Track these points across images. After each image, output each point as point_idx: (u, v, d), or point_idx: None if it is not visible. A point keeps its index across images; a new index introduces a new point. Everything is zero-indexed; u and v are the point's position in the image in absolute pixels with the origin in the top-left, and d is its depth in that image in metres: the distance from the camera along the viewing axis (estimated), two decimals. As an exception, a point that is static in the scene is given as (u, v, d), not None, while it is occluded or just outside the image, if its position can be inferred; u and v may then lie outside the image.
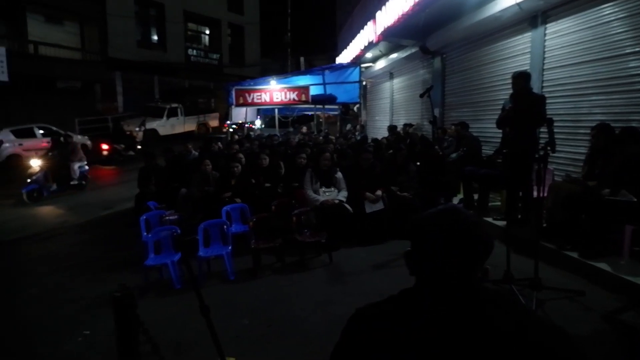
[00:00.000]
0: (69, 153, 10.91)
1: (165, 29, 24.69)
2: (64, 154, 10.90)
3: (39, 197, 10.14)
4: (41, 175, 10.22)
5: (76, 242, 7.22)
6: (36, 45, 18.47)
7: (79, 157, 11.02)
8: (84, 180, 11.12)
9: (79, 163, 10.98)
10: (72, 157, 10.87)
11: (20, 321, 4.41)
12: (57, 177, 10.60)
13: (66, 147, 11.05)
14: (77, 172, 10.88)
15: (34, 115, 17.18)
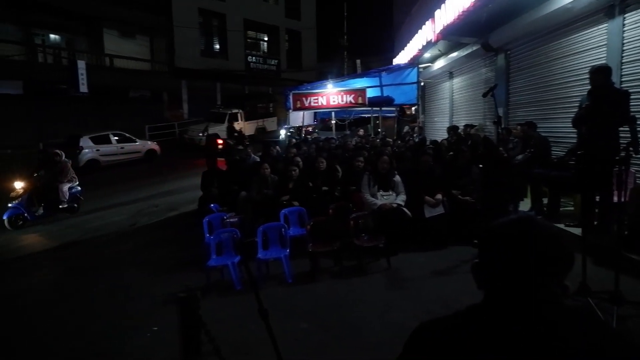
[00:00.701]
0: (58, 173, 9.75)
1: (226, 37, 25.69)
2: (51, 174, 9.76)
3: (23, 223, 9.05)
4: (25, 198, 9.15)
5: (145, 242, 7.66)
6: (111, 59, 19.96)
7: (69, 177, 9.86)
8: (75, 202, 10.00)
9: (69, 184, 9.82)
10: (60, 178, 9.67)
11: (92, 316, 4.74)
12: (45, 200, 9.52)
13: (55, 166, 9.83)
14: (66, 194, 9.69)
15: (109, 123, 18.56)
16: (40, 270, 6.61)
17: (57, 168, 9.80)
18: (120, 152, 16.73)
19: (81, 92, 16.25)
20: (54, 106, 17.52)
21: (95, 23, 19.95)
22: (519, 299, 0.99)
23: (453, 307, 1.07)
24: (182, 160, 17.86)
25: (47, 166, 9.95)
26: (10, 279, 6.27)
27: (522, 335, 0.94)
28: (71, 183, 9.88)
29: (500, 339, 0.96)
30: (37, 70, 17.08)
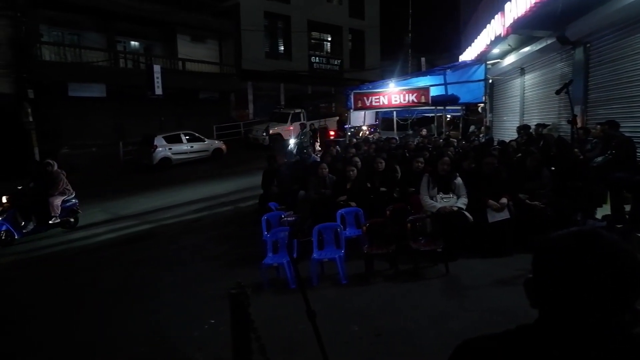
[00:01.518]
0: (49, 185, 8.80)
1: (290, 39, 26.19)
2: (42, 186, 8.83)
3: (10, 240, 8.15)
4: (11, 213, 8.24)
5: (209, 237, 8.00)
6: (184, 62, 21.12)
7: (61, 189, 8.84)
8: (72, 216, 9.10)
9: (62, 197, 8.82)
10: (51, 191, 8.72)
11: (158, 305, 5.02)
12: (36, 214, 8.61)
13: (49, 177, 8.90)
14: (57, 207, 8.71)
15: (180, 123, 19.66)
16: (114, 261, 7.14)
17: (48, 179, 8.86)
18: (190, 151, 17.65)
19: (156, 94, 17.38)
20: (133, 107, 18.89)
21: (170, 29, 21.21)
22: (575, 324, 0.87)
23: (514, 321, 0.98)
24: (246, 159, 18.48)
25: (39, 177, 9.04)
26: (84, 269, 6.83)
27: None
28: (65, 195, 8.89)
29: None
30: (119, 75, 18.51)
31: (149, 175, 15.81)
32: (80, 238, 8.66)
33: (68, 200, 9.01)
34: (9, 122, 15.43)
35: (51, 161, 9.17)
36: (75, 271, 6.72)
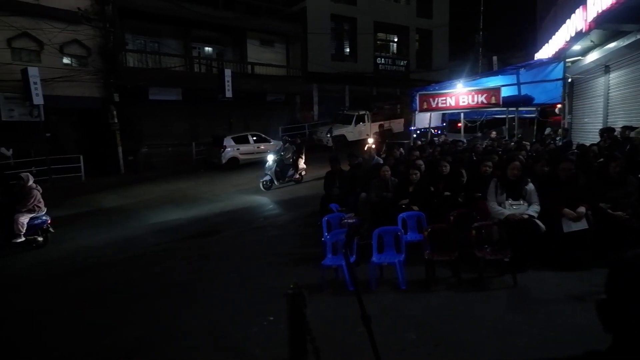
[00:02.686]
0: (18, 201, 8.09)
1: (356, 41, 26.19)
2: (10, 201, 8.17)
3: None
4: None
5: (271, 236, 8.23)
6: (253, 66, 21.92)
7: (30, 206, 8.07)
8: (39, 235, 8.28)
9: (30, 214, 8.07)
10: (19, 207, 8.02)
11: (221, 300, 5.24)
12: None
13: (20, 191, 8.20)
14: (23, 225, 7.95)
15: (248, 124, 20.41)
16: (185, 253, 7.58)
17: (19, 194, 8.19)
18: (256, 151, 18.27)
19: (227, 97, 18.20)
20: (205, 109, 19.94)
21: (241, 35, 22.13)
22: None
23: (586, 343, 0.91)
24: (311, 160, 18.74)
25: (8, 191, 8.46)
26: (157, 261, 7.31)
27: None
28: (33, 213, 8.13)
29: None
30: (193, 79, 19.63)
31: (219, 173, 16.59)
32: (154, 231, 9.31)
33: (37, 217, 8.18)
34: (99, 123, 16.96)
35: (24, 175, 8.43)
36: (148, 263, 7.23)
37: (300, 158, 13.75)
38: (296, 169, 13.55)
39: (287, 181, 13.34)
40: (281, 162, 13.22)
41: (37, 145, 14.91)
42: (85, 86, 16.53)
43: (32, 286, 6.46)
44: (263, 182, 12.93)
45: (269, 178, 12.94)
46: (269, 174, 12.94)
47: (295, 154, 13.67)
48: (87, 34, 16.69)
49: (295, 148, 13.90)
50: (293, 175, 13.47)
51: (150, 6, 17.79)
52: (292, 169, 13.45)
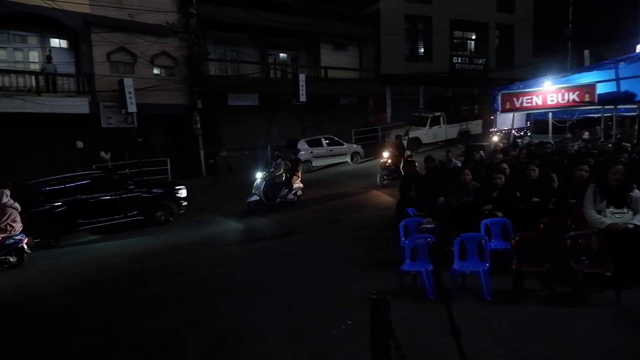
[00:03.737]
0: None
1: (431, 40, 25.45)
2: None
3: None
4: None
5: (345, 239, 8.21)
6: (326, 70, 22.18)
7: (2, 225, 7.73)
8: (12, 256, 7.90)
9: (2, 234, 7.74)
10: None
11: (295, 302, 5.30)
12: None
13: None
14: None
15: (321, 128, 20.66)
16: (265, 252, 7.82)
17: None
18: (329, 155, 18.44)
19: (301, 101, 18.57)
20: (280, 114, 20.52)
21: (315, 40, 22.50)
22: None
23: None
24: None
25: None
26: (232, 259, 7.62)
27: None
28: (5, 233, 7.78)
29: None
30: (269, 85, 20.30)
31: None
32: (232, 230, 9.74)
33: (9, 237, 7.83)
34: (183, 129, 18.14)
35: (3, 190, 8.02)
36: (226, 261, 7.55)
37: (295, 176, 11.98)
38: (290, 188, 11.69)
39: (279, 202, 11.48)
40: (272, 181, 11.48)
41: (131, 149, 16.31)
42: (172, 94, 17.76)
43: (140, 277, 7.03)
44: (250, 203, 11.31)
45: (256, 199, 11.26)
46: (256, 194, 11.25)
47: (290, 171, 11.90)
48: (174, 46, 17.94)
49: (290, 164, 12.12)
50: (286, 195, 11.58)
51: (230, 16, 18.70)
52: (285, 189, 11.61)
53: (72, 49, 16.69)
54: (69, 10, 14.55)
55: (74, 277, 7.33)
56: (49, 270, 7.85)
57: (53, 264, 8.24)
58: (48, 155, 15.26)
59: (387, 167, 13.63)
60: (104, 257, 8.49)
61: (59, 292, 6.60)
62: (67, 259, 8.60)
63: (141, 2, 16.55)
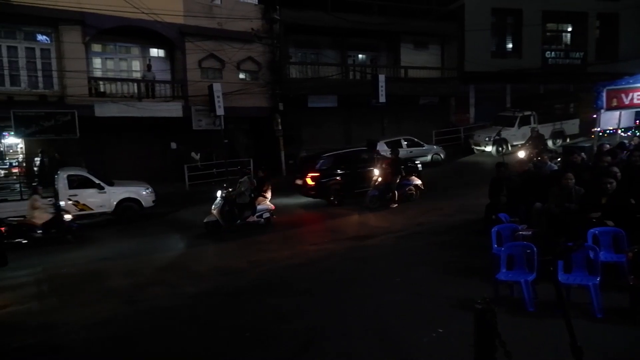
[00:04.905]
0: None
1: (521, 34, 23.83)
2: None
3: None
4: None
5: (431, 243, 7.95)
6: (406, 70, 21.72)
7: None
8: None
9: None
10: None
11: (382, 305, 5.20)
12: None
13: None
14: None
15: (401, 129, 20.27)
16: (347, 255, 7.81)
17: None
18: (409, 156, 17.98)
19: (380, 102, 18.38)
20: (358, 115, 20.50)
21: (395, 39, 22.13)
22: None
23: None
24: (467, 166, 17.75)
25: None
26: (316, 258, 7.69)
27: None
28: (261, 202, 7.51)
29: None
30: (348, 86, 20.34)
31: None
32: (313, 231, 9.86)
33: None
34: (266, 130, 18.83)
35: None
36: (310, 260, 7.64)
37: (262, 196, 10.68)
38: (253, 210, 10.36)
39: (240, 225, 10.22)
40: (233, 201, 10.21)
41: (218, 150, 17.26)
42: (255, 97, 18.49)
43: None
44: (207, 223, 10.13)
45: (214, 220, 10.08)
46: (215, 214, 10.11)
47: (255, 191, 10.64)
48: (258, 51, 18.67)
49: (255, 183, 10.87)
50: (247, 218, 10.27)
51: (312, 20, 19.03)
52: (248, 211, 10.31)
53: (168, 58, 18.08)
54: (167, 22, 15.73)
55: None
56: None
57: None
58: (147, 154, 16.64)
59: (377, 187, 11.67)
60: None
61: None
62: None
63: (229, 11, 17.45)
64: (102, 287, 7.08)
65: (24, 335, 5.34)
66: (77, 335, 5.22)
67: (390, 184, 11.58)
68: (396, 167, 11.86)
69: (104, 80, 16.36)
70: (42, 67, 14.98)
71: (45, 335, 5.31)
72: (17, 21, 14.24)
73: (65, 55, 14.76)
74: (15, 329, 5.55)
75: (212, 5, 17.40)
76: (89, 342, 5.01)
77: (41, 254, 9.11)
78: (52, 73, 15.01)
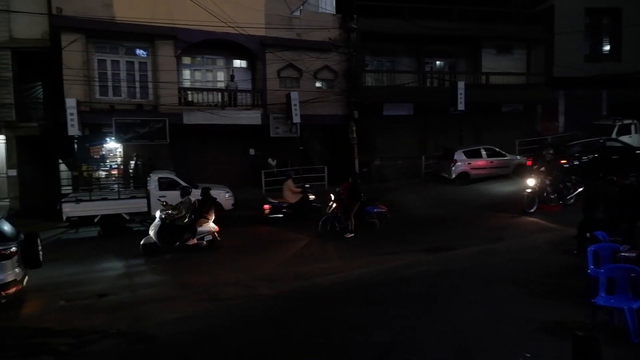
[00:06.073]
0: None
1: (620, 36, 21.74)
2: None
3: None
4: None
5: (513, 260, 7.46)
6: (487, 76, 20.75)
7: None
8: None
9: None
10: None
11: (460, 323, 4.95)
12: None
13: None
14: None
15: (480, 138, 19.37)
16: (420, 266, 7.60)
17: None
18: (489, 166, 17.11)
19: (459, 109, 17.75)
20: (434, 123, 19.93)
21: (475, 45, 21.24)
22: None
23: None
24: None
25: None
26: (389, 269, 7.53)
27: None
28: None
29: None
30: (425, 94, 19.87)
31: (447, 186, 16.25)
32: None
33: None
34: (340, 138, 18.98)
35: None
36: (381, 271, 7.51)
37: (204, 217, 10.06)
38: (193, 232, 9.74)
39: (178, 247, 9.71)
40: (171, 222, 9.59)
41: (293, 157, 17.71)
42: (330, 105, 18.73)
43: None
44: (144, 245, 9.59)
45: (151, 242, 9.56)
46: (151, 236, 9.58)
47: (197, 212, 10.02)
48: (335, 60, 18.91)
49: (197, 204, 10.20)
50: (186, 240, 9.70)
51: (389, 27, 18.94)
52: (188, 233, 9.70)
53: (250, 68, 18.96)
54: (249, 35, 16.52)
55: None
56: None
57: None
58: (228, 160, 17.52)
59: (334, 211, 10.48)
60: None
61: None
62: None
63: (308, 22, 17.92)
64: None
65: (117, 323, 5.81)
66: (166, 328, 5.59)
67: (348, 210, 10.32)
68: (355, 193, 10.53)
69: (192, 90, 17.57)
70: (139, 78, 16.45)
71: (138, 325, 5.75)
72: (120, 37, 15.80)
73: (160, 67, 16.08)
74: (109, 317, 6.07)
75: (291, 17, 17.98)
76: (176, 335, 5.34)
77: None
78: (147, 84, 16.42)
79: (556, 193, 11.38)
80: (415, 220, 12.00)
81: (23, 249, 6.77)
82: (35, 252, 7.01)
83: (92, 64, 15.67)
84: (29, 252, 6.90)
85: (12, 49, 15.30)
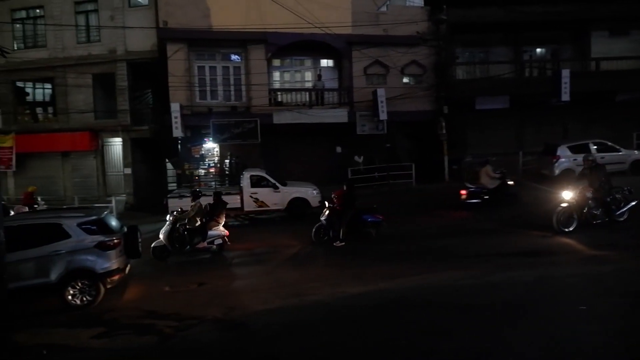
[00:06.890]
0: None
1: None
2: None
3: None
4: None
5: (619, 269, 6.60)
6: (597, 62, 18.69)
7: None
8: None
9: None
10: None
11: (562, 334, 4.52)
12: None
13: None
14: None
15: (589, 131, 17.49)
16: (513, 270, 7.08)
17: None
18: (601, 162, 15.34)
19: (563, 100, 16.22)
20: (533, 116, 18.43)
21: (582, 28, 19.20)
22: None
23: None
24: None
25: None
26: (478, 273, 7.09)
27: None
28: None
29: None
30: (523, 85, 18.41)
31: (551, 185, 14.89)
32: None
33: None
34: (428, 134, 18.41)
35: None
36: (472, 275, 7.11)
37: (214, 221, 9.92)
38: (204, 236, 9.70)
39: (190, 251, 9.68)
40: (182, 225, 9.66)
41: (379, 154, 17.56)
42: (418, 101, 18.22)
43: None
44: (154, 248, 9.56)
45: (161, 245, 9.51)
46: (162, 239, 9.52)
47: (207, 216, 9.98)
48: (423, 54, 18.35)
49: (208, 207, 10.21)
50: (197, 244, 9.63)
51: (483, 16, 17.86)
52: (198, 237, 9.67)
53: (336, 67, 19.18)
54: (335, 34, 16.70)
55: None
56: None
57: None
58: (315, 158, 17.91)
59: (331, 214, 9.88)
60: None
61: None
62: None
63: (396, 17, 17.62)
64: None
65: (213, 310, 6.25)
66: (256, 318, 5.90)
67: (341, 217, 9.74)
68: (348, 200, 9.97)
69: (281, 91, 18.30)
70: (233, 82, 17.52)
71: (231, 313, 6.14)
72: (217, 45, 16.98)
73: (252, 70, 16.98)
74: (207, 304, 6.55)
75: (378, 13, 17.83)
76: (265, 326, 5.60)
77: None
78: (241, 87, 17.42)
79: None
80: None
81: (125, 241, 7.60)
82: (135, 243, 7.81)
83: (193, 71, 17.03)
84: (130, 243, 7.71)
85: (127, 60, 17.26)
